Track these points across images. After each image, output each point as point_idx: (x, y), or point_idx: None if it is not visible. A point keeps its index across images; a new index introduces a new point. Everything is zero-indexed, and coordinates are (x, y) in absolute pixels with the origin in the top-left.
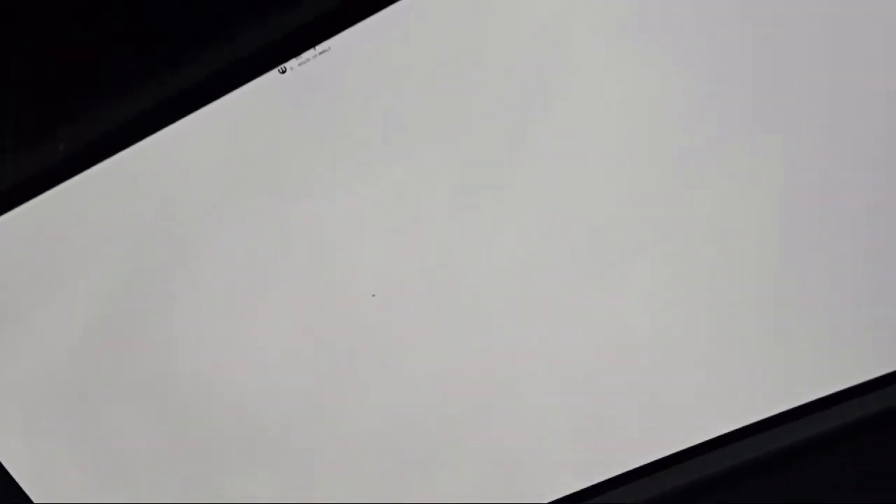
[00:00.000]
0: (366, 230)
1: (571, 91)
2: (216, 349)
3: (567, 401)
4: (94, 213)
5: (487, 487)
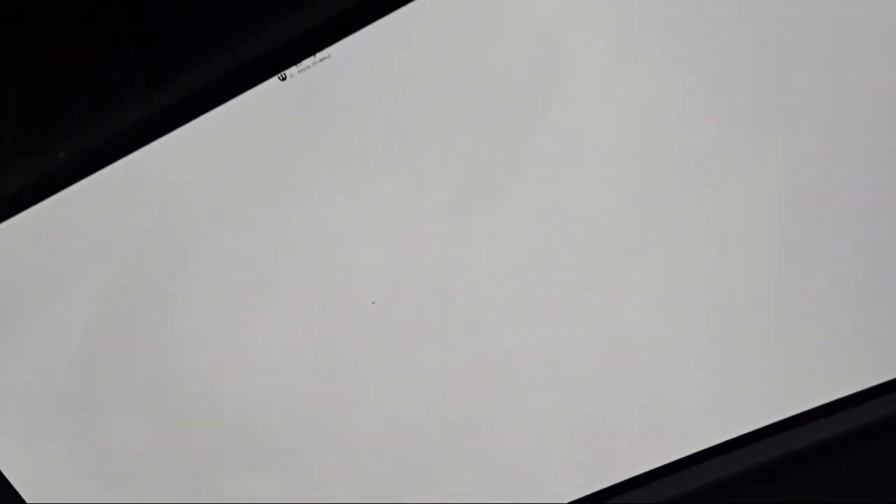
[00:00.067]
0: (366, 235)
1: (571, 93)
2: (216, 353)
3: (567, 403)
4: (95, 218)
5: (489, 490)
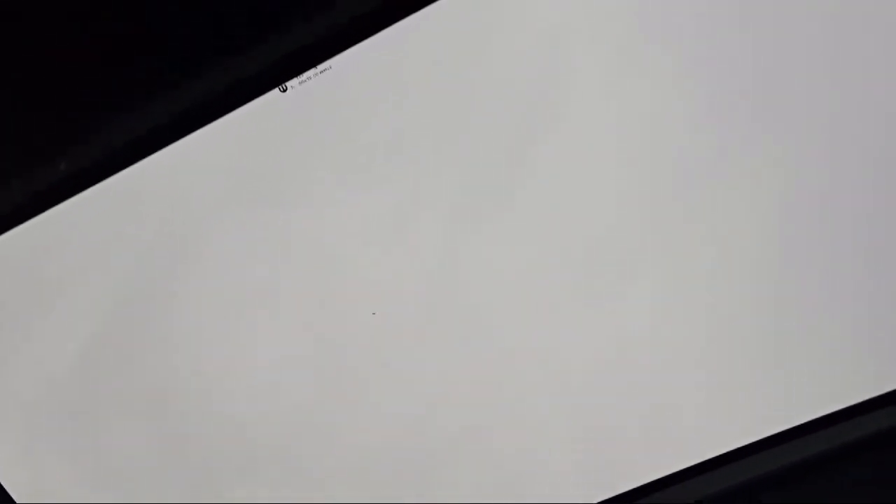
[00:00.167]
0: (367, 242)
1: (571, 98)
2: (216, 361)
3: (568, 408)
4: (95, 228)
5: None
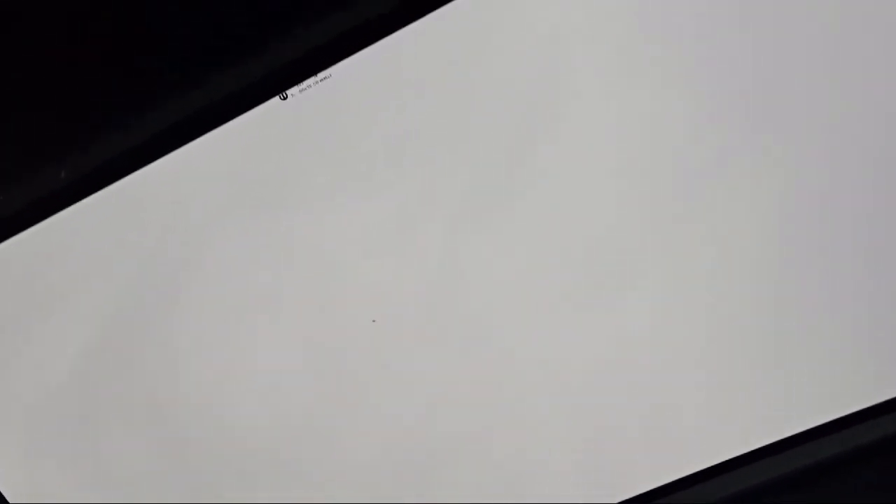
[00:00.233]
0: (367, 249)
1: (572, 102)
2: (216, 368)
3: (569, 408)
4: (97, 234)
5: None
